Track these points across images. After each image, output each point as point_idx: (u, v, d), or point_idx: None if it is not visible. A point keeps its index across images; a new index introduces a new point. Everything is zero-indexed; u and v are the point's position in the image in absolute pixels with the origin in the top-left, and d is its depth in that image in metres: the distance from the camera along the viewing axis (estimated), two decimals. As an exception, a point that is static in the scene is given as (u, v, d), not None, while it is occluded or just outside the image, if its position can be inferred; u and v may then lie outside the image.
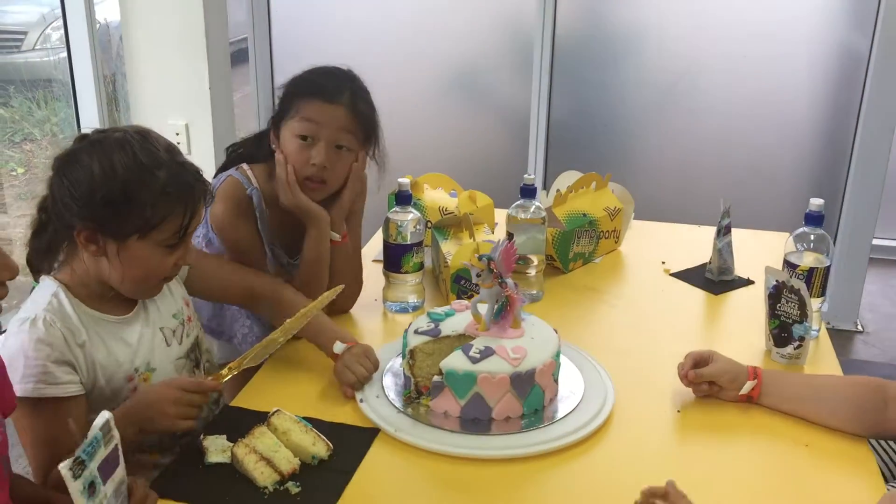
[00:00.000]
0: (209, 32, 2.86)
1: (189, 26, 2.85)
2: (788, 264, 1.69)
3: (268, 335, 1.41)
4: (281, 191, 1.63)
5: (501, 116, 3.55)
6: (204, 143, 2.96)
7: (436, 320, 1.50)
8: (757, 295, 1.78)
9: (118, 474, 1.05)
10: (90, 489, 0.97)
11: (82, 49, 2.92)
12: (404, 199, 1.77)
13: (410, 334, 1.47)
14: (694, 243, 2.14)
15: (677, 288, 1.97)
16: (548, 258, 1.95)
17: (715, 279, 1.97)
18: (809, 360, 1.61)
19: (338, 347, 1.51)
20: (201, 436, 1.31)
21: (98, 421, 1.01)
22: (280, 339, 1.42)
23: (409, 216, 1.75)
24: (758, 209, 3.17)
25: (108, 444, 1.02)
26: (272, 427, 1.29)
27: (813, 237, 1.69)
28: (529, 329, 1.46)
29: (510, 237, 1.81)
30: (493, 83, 3.51)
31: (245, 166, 1.70)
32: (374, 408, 1.41)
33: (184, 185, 1.30)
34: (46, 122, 3.86)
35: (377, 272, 1.86)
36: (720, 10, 3.23)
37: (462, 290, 1.79)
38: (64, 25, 2.93)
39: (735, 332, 1.76)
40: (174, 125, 2.94)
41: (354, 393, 1.46)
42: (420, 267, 1.79)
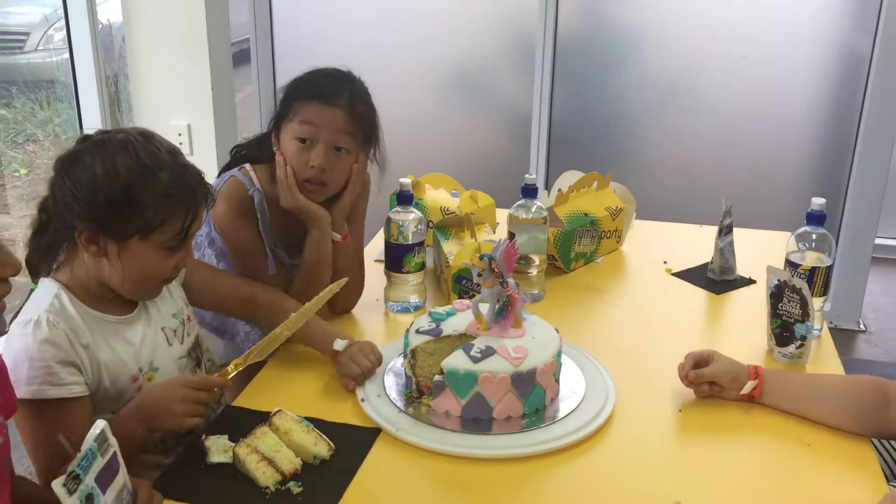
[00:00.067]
0: (211, 33, 2.87)
1: (191, 27, 2.85)
2: (790, 264, 1.69)
3: (271, 331, 1.41)
4: (281, 193, 1.64)
5: (503, 116, 3.55)
6: (206, 144, 2.96)
7: (437, 320, 1.50)
8: (759, 294, 1.78)
9: (118, 481, 1.04)
10: (88, 502, 0.96)
11: (85, 50, 2.93)
12: (406, 199, 1.77)
13: (412, 334, 1.47)
14: (696, 243, 2.14)
15: (679, 287, 1.96)
16: (549, 258, 1.95)
17: (717, 279, 1.97)
18: (811, 360, 1.61)
19: (339, 344, 1.51)
20: (203, 436, 1.31)
21: (92, 432, 1.00)
22: (285, 334, 1.43)
23: (411, 216, 1.75)
24: (760, 208, 3.17)
25: (106, 454, 1.01)
26: (274, 427, 1.30)
27: (815, 236, 1.68)
28: (531, 329, 1.46)
29: (511, 237, 1.81)
30: (495, 83, 3.51)
31: (248, 167, 1.70)
32: (376, 407, 1.41)
33: (186, 188, 1.30)
34: (49, 123, 3.87)
35: (379, 272, 1.86)
36: (721, 10, 3.23)
37: (463, 290, 1.79)
38: (66, 26, 2.94)
39: (737, 332, 1.76)
40: (176, 126, 2.95)
41: (356, 387, 1.46)
42: (421, 267, 1.80)
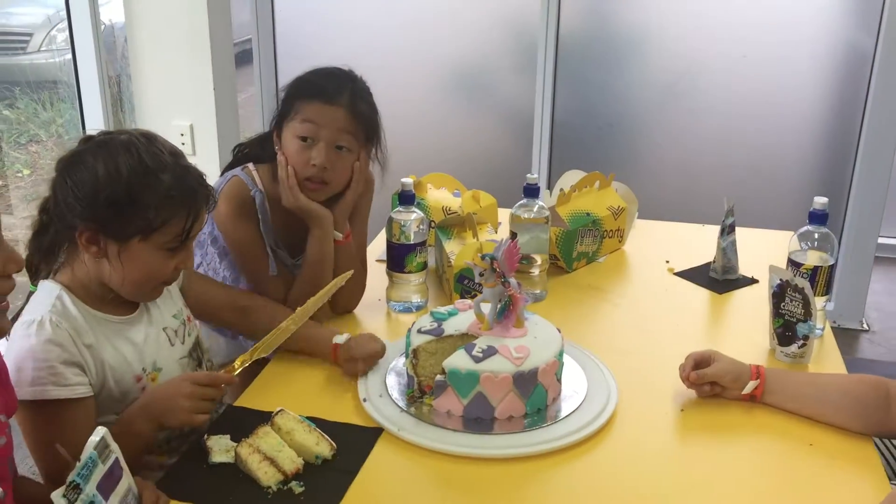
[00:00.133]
0: (213, 34, 2.87)
1: (193, 28, 2.85)
2: (792, 263, 1.69)
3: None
4: (283, 192, 1.64)
5: (505, 116, 3.55)
6: (208, 144, 2.96)
7: (439, 320, 1.50)
8: (761, 294, 1.77)
9: (122, 486, 1.04)
10: None
11: (87, 51, 2.93)
12: (408, 199, 1.77)
13: (414, 334, 1.47)
14: (698, 242, 2.14)
15: (681, 287, 1.96)
16: (551, 257, 1.95)
17: (719, 278, 1.97)
18: (814, 359, 1.61)
19: (340, 338, 1.53)
20: (205, 436, 1.31)
21: (92, 440, 0.99)
22: (291, 328, 1.43)
23: (413, 216, 1.75)
24: (762, 208, 3.17)
25: (107, 460, 1.01)
26: (276, 427, 1.30)
27: (817, 235, 1.68)
28: (532, 328, 1.46)
29: (513, 237, 1.81)
30: (497, 83, 3.51)
31: (251, 167, 1.70)
32: (378, 407, 1.41)
33: (187, 190, 1.30)
34: (52, 124, 3.88)
35: (381, 272, 1.86)
36: (724, 10, 3.23)
37: (465, 290, 1.79)
38: (69, 27, 2.94)
39: (739, 332, 1.75)
40: (179, 126, 2.95)
41: (364, 370, 1.50)
42: (423, 267, 1.80)
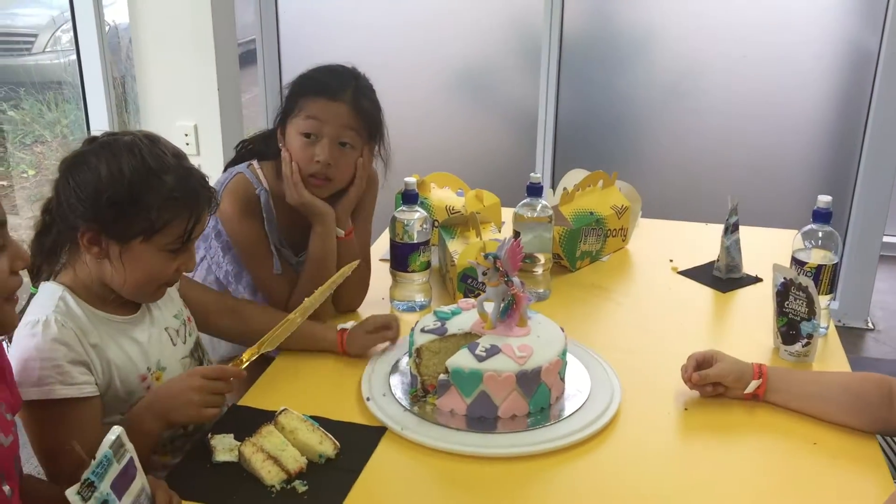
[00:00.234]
0: (217, 34, 2.87)
1: (197, 28, 2.86)
2: (796, 262, 1.68)
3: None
4: (287, 189, 1.64)
5: (509, 116, 3.55)
6: (213, 145, 2.97)
7: (442, 319, 1.50)
8: (765, 293, 1.77)
9: (136, 485, 1.04)
10: None
11: (92, 51, 2.94)
12: (411, 199, 1.77)
13: (417, 333, 1.47)
14: (702, 241, 2.13)
15: (685, 286, 1.96)
16: (555, 256, 1.95)
17: (723, 277, 1.97)
18: (818, 358, 1.60)
19: (346, 325, 1.57)
20: (209, 435, 1.31)
21: (108, 438, 1.00)
22: (298, 320, 1.43)
23: (416, 215, 1.75)
24: (766, 207, 3.16)
25: (122, 459, 1.02)
26: (279, 426, 1.30)
27: (821, 234, 1.68)
28: (536, 327, 1.46)
29: (517, 236, 1.81)
30: (501, 83, 3.51)
31: (255, 165, 1.71)
32: (381, 406, 1.42)
33: (190, 191, 1.30)
34: (57, 125, 3.89)
35: (384, 271, 1.86)
36: (728, 9, 3.22)
37: (469, 289, 1.79)
38: (73, 28, 2.95)
39: (743, 330, 1.75)
40: (183, 126, 2.96)
41: (374, 343, 1.59)
42: (427, 266, 1.80)
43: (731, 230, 1.95)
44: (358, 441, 1.33)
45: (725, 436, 1.40)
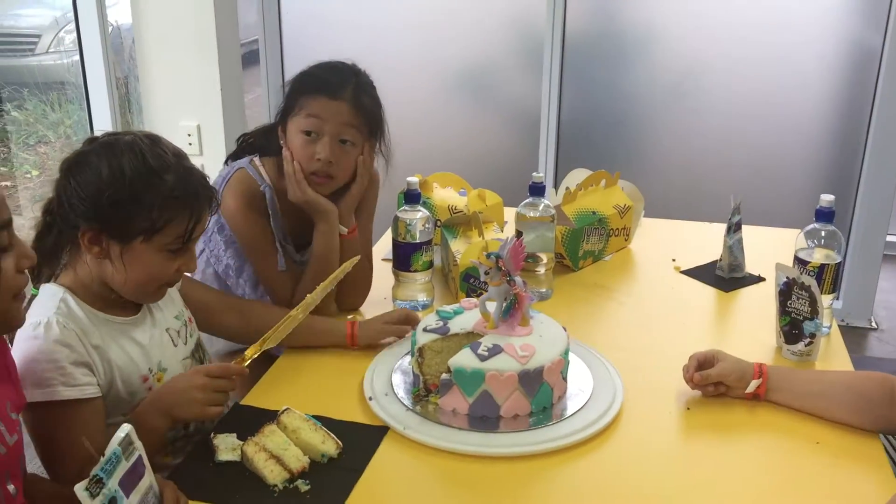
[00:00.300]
0: (220, 35, 2.88)
1: (200, 29, 2.86)
2: (799, 261, 1.68)
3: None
4: (289, 186, 1.65)
5: (511, 116, 3.55)
6: (216, 145, 2.98)
7: (444, 318, 1.50)
8: (768, 292, 1.77)
9: (144, 483, 1.04)
10: None
11: (95, 52, 2.95)
12: (413, 198, 1.77)
13: (419, 332, 1.47)
14: (704, 240, 2.13)
15: (688, 285, 1.96)
16: (557, 256, 1.95)
17: (725, 276, 1.96)
18: (821, 357, 1.60)
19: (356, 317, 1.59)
20: (212, 434, 1.32)
21: (117, 435, 1.00)
22: (300, 317, 1.43)
23: (418, 215, 1.76)
24: (768, 206, 3.16)
25: (130, 457, 1.02)
26: (282, 425, 1.30)
27: (824, 233, 1.68)
28: (538, 327, 1.46)
29: (519, 235, 1.81)
30: (504, 83, 3.51)
31: (257, 161, 1.71)
32: (383, 406, 1.42)
33: (190, 191, 1.30)
34: (60, 125, 3.89)
35: (387, 271, 1.86)
36: (730, 9, 3.22)
37: (471, 289, 1.79)
38: (76, 29, 2.96)
39: (746, 330, 1.75)
40: (186, 126, 2.97)
41: (386, 332, 1.61)
42: (429, 265, 1.80)
43: (734, 229, 1.95)
44: (360, 440, 1.33)
45: (728, 435, 1.40)
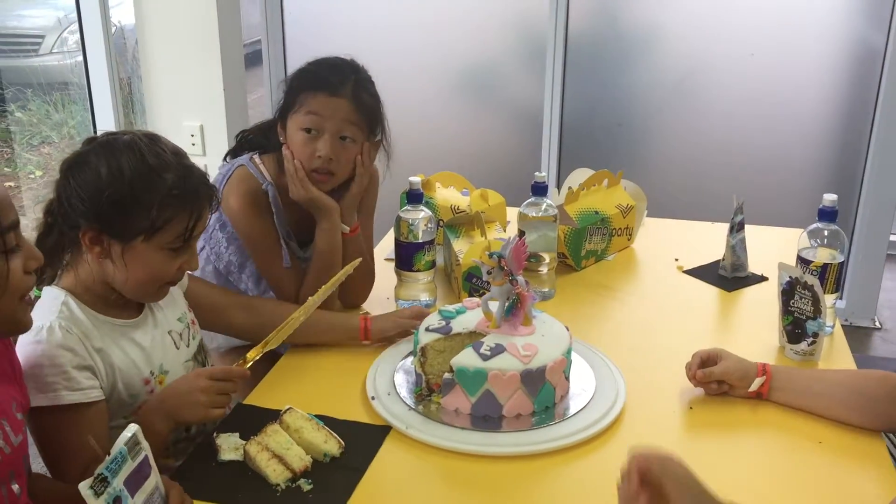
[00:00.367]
0: (223, 35, 2.88)
1: (203, 29, 2.87)
2: (802, 260, 1.68)
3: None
4: (291, 185, 1.65)
5: (514, 115, 3.55)
6: (219, 145, 2.97)
7: (447, 318, 1.51)
8: (770, 291, 1.77)
9: (149, 484, 1.04)
10: None
11: (98, 53, 2.95)
12: (416, 198, 1.77)
13: (422, 332, 1.47)
14: (707, 240, 2.13)
15: (690, 285, 1.96)
16: (560, 256, 1.95)
17: (728, 276, 1.96)
18: (824, 357, 1.60)
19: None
20: (214, 434, 1.32)
21: (123, 435, 1.00)
22: (301, 318, 1.43)
23: (421, 214, 1.76)
24: (771, 205, 3.16)
25: (136, 457, 1.02)
26: (284, 425, 1.30)
27: (826, 233, 1.68)
28: (540, 326, 1.46)
29: (521, 235, 1.81)
30: (506, 83, 3.51)
31: (257, 160, 1.71)
32: (386, 405, 1.42)
33: (190, 189, 1.30)
34: (63, 125, 3.90)
35: (389, 270, 1.86)
36: (733, 8, 3.21)
37: (473, 288, 1.79)
38: (80, 29, 2.96)
39: (749, 329, 1.75)
40: (189, 127, 2.97)
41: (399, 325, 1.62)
42: (432, 265, 1.80)
43: (737, 229, 1.94)
44: (363, 440, 1.33)
45: (730, 434, 1.40)
